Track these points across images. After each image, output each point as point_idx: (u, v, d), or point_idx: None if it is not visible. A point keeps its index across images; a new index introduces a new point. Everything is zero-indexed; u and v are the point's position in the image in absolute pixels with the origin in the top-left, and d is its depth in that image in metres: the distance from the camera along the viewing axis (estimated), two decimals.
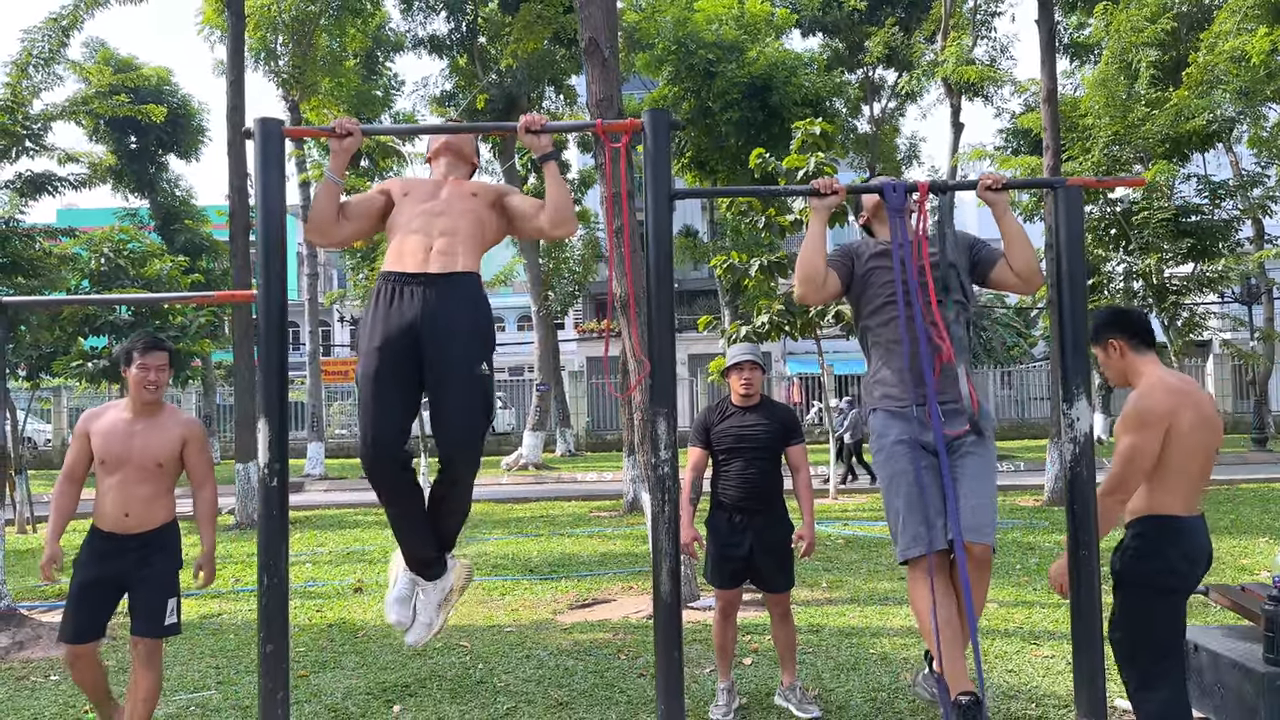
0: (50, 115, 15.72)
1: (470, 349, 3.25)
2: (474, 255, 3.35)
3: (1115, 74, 14.21)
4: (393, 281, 3.27)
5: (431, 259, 3.25)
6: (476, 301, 3.31)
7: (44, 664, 6.01)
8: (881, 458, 3.34)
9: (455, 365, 3.21)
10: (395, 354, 3.20)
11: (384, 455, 3.23)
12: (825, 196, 3.22)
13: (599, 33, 7.45)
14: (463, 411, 3.22)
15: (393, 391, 3.22)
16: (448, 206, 3.36)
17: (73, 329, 20.45)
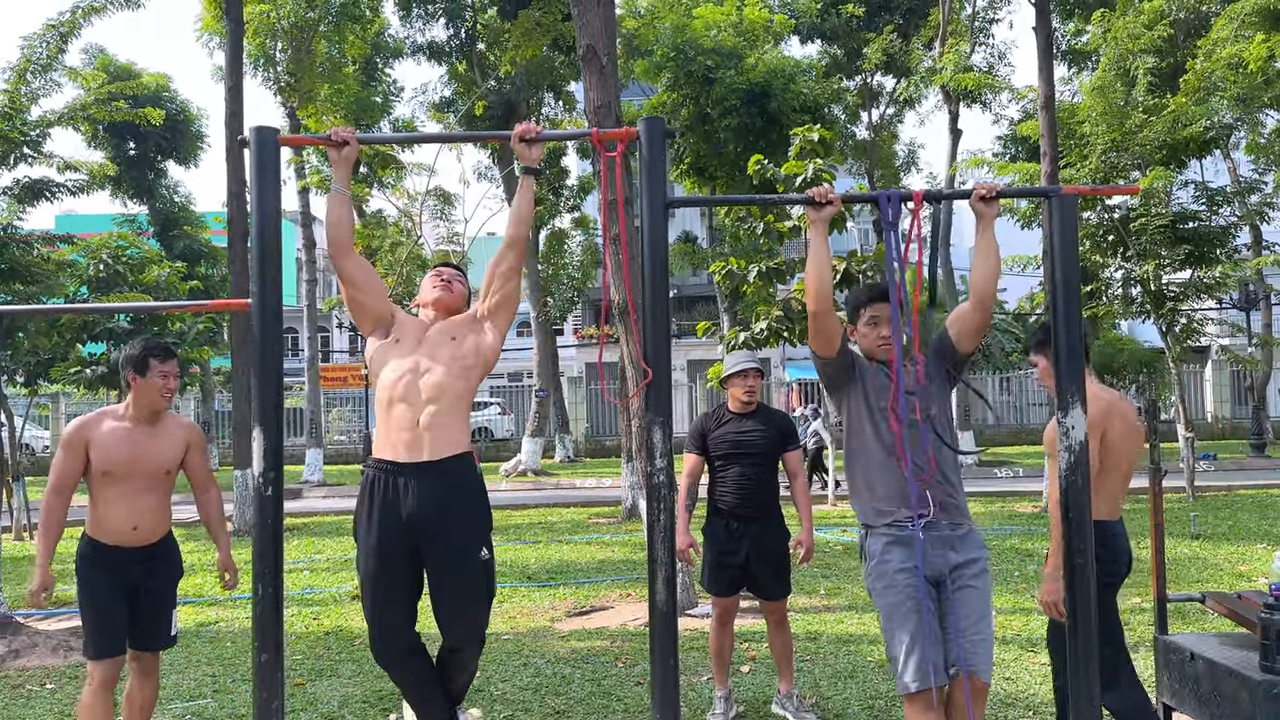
0: (48, 122, 15.73)
1: (468, 537, 3.27)
2: (463, 423, 3.35)
3: (1113, 81, 14.22)
4: (384, 473, 3.26)
5: (421, 441, 3.23)
6: (470, 486, 3.32)
7: (40, 672, 6.00)
8: (881, 585, 3.20)
9: (454, 558, 3.24)
10: (393, 552, 3.23)
11: (393, 649, 3.32)
12: (822, 207, 3.21)
13: (597, 40, 7.46)
14: (465, 603, 3.27)
15: (395, 589, 3.27)
16: (432, 363, 3.33)
17: (71, 335, 20.43)
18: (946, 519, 3.22)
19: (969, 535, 3.25)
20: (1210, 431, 26.53)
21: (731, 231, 20.61)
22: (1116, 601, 3.77)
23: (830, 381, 3.41)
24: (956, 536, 3.22)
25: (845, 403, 3.39)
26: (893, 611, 3.15)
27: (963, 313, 3.36)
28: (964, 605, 3.15)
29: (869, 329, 3.44)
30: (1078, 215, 3.30)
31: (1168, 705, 4.24)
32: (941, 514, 3.20)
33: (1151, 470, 4.43)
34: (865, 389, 3.34)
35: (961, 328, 3.35)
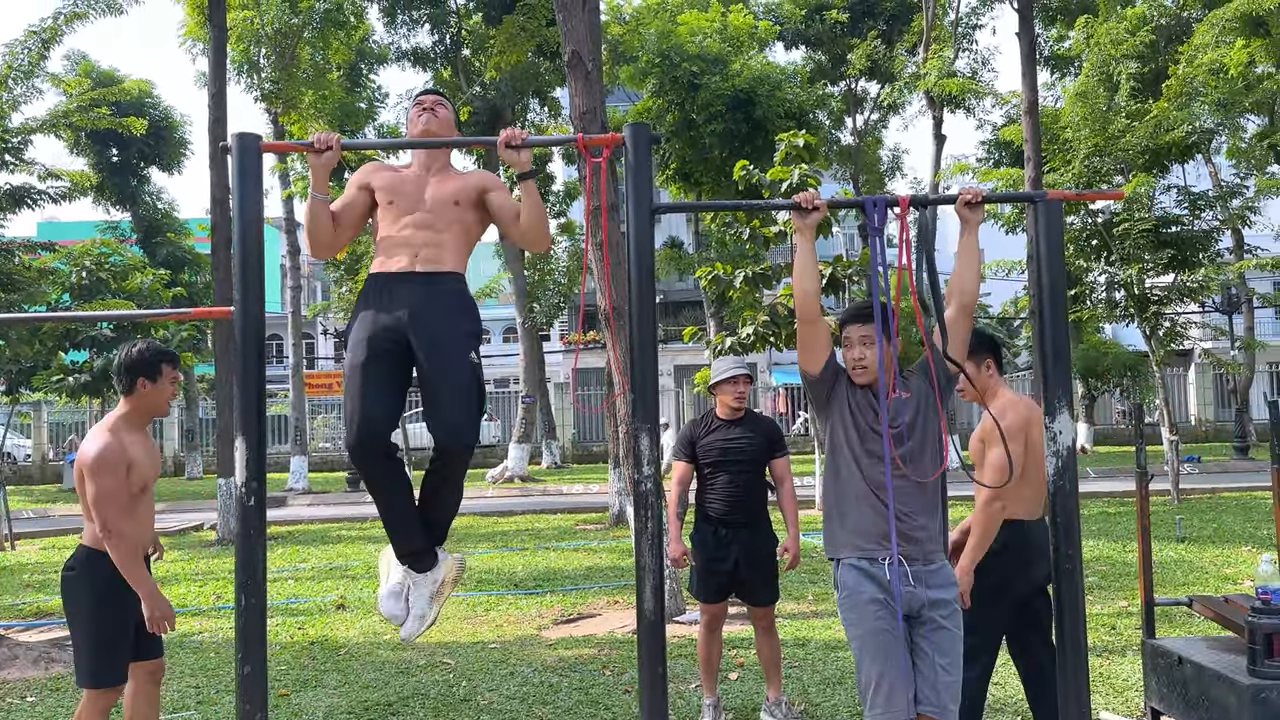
0: (30, 129, 15.63)
1: (460, 338, 3.29)
2: (460, 260, 3.41)
3: (1095, 86, 14.32)
4: (381, 280, 3.33)
5: (419, 262, 3.32)
6: (463, 296, 3.37)
7: (21, 685, 5.92)
8: (854, 616, 3.17)
9: (447, 353, 3.25)
10: (384, 344, 3.25)
11: (372, 440, 3.25)
12: (808, 212, 3.19)
13: (581, 45, 7.45)
14: (458, 396, 3.25)
15: (381, 379, 3.25)
16: (433, 219, 3.36)
17: (53, 343, 20.30)
18: (920, 554, 3.17)
19: (941, 570, 3.22)
20: (1194, 434, 26.70)
21: (717, 237, 20.64)
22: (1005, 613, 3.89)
23: (816, 399, 3.36)
24: (928, 572, 3.18)
25: (828, 424, 3.32)
26: (864, 643, 3.13)
27: (950, 321, 3.30)
28: (935, 647, 3.13)
29: (844, 350, 3.37)
30: (1062, 220, 3.30)
31: (1155, 709, 4.24)
32: (915, 549, 3.16)
33: (1138, 474, 4.44)
34: (847, 411, 3.26)
35: (949, 334, 3.30)
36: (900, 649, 3.09)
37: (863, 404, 3.26)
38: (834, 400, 3.30)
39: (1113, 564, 8.85)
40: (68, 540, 13.74)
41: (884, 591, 3.13)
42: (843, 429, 3.27)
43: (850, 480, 3.24)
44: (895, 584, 3.12)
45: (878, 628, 3.11)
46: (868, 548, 3.18)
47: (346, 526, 14.62)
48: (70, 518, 17.61)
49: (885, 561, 3.13)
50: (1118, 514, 12.48)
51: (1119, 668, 5.43)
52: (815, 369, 3.28)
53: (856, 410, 3.26)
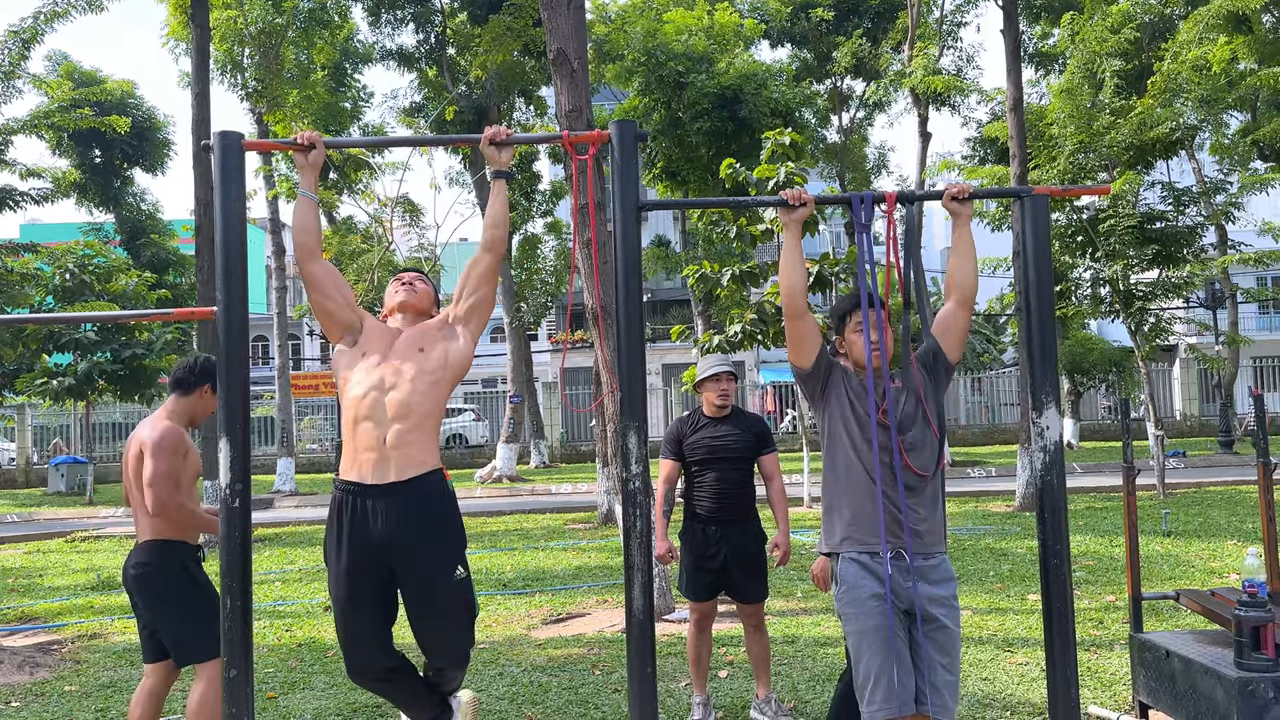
0: (11, 129, 15.51)
1: (442, 560, 3.20)
2: (431, 440, 3.26)
3: (1080, 83, 14.38)
4: (352, 495, 3.18)
5: (388, 459, 3.15)
6: (442, 505, 3.24)
7: (5, 690, 5.87)
8: (852, 610, 3.15)
9: (430, 579, 3.18)
10: (364, 576, 3.16)
11: (368, 672, 3.26)
12: (795, 209, 3.19)
13: (567, 43, 7.43)
14: (446, 624, 3.23)
15: (368, 613, 3.20)
16: (398, 378, 3.22)
17: (37, 346, 20.18)
18: (920, 548, 3.15)
19: (941, 565, 3.19)
20: (1179, 429, 26.85)
21: (705, 235, 20.64)
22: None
23: (809, 393, 3.33)
24: (929, 566, 3.16)
25: (824, 416, 3.29)
26: (863, 638, 3.11)
27: (947, 314, 3.30)
28: (934, 645, 3.11)
29: (857, 336, 3.30)
30: (1049, 215, 3.31)
31: (1143, 703, 4.25)
32: (915, 542, 3.14)
33: (1125, 468, 4.45)
34: (845, 401, 3.23)
35: (948, 329, 3.29)
36: (900, 645, 3.07)
37: (860, 392, 3.22)
38: (830, 391, 3.26)
39: (1099, 559, 8.89)
40: (52, 545, 13.64)
41: (883, 587, 3.10)
42: (841, 420, 3.23)
43: (850, 471, 3.20)
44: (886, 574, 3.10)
45: (878, 624, 3.08)
46: (868, 541, 3.15)
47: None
48: (55, 521, 17.49)
49: (887, 556, 3.10)
50: (1104, 509, 12.54)
51: (1106, 662, 5.45)
52: (807, 363, 3.25)
53: (854, 399, 3.22)
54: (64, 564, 11.54)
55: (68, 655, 6.72)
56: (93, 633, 7.45)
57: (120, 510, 18.87)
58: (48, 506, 20.06)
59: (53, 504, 20.59)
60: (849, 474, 3.21)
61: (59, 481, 22.79)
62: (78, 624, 7.79)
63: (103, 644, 7.05)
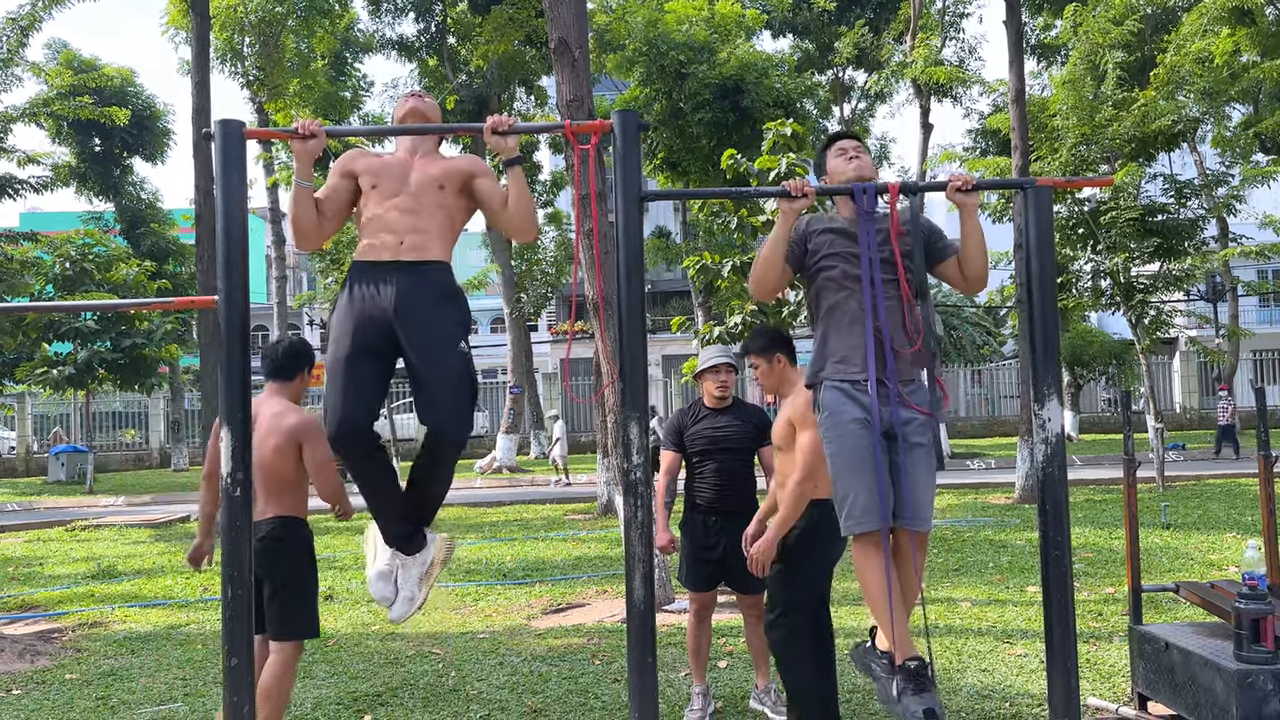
0: (10, 117, 15.48)
1: (449, 329, 3.25)
2: (446, 247, 3.36)
3: (1083, 75, 14.34)
4: (365, 269, 3.27)
5: (404, 250, 3.26)
6: (450, 284, 3.34)
7: (6, 678, 5.88)
8: (834, 434, 3.26)
9: (437, 345, 3.21)
10: (369, 336, 3.21)
11: (354, 434, 3.24)
12: (795, 199, 3.19)
13: (568, 32, 7.41)
14: (450, 388, 3.22)
15: (365, 374, 3.23)
16: (417, 203, 3.30)
17: (37, 335, 20.16)
18: (900, 374, 3.28)
19: (919, 390, 3.33)
20: (1179, 422, 26.88)
21: (705, 226, 20.59)
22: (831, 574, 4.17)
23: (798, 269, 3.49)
24: (907, 392, 3.28)
25: (814, 273, 3.41)
26: (845, 459, 3.22)
27: (952, 265, 3.40)
28: (911, 464, 3.24)
29: (840, 161, 3.46)
30: (1051, 207, 3.30)
31: (1142, 695, 4.26)
32: (896, 368, 3.26)
33: (1125, 461, 4.45)
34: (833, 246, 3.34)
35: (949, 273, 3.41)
36: (879, 466, 3.17)
37: (842, 240, 3.34)
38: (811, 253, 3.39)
39: (1099, 551, 8.90)
40: (52, 533, 13.66)
41: (865, 411, 3.22)
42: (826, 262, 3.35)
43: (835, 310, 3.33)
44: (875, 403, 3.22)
45: (857, 445, 3.20)
46: (852, 372, 3.27)
47: (333, 518, 14.56)
48: (55, 510, 17.51)
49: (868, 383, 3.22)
50: (1103, 501, 12.55)
51: (1105, 654, 5.46)
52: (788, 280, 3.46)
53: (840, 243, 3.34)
54: (64, 553, 11.55)
55: (68, 643, 6.74)
56: (93, 621, 7.46)
57: (121, 499, 18.89)
58: (48, 495, 20.08)
59: (53, 493, 20.61)
60: (834, 312, 3.33)
61: (59, 470, 22.81)
62: (78, 612, 7.81)
63: (103, 632, 7.06)
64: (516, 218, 3.37)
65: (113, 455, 27.71)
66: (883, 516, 3.15)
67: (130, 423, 29.54)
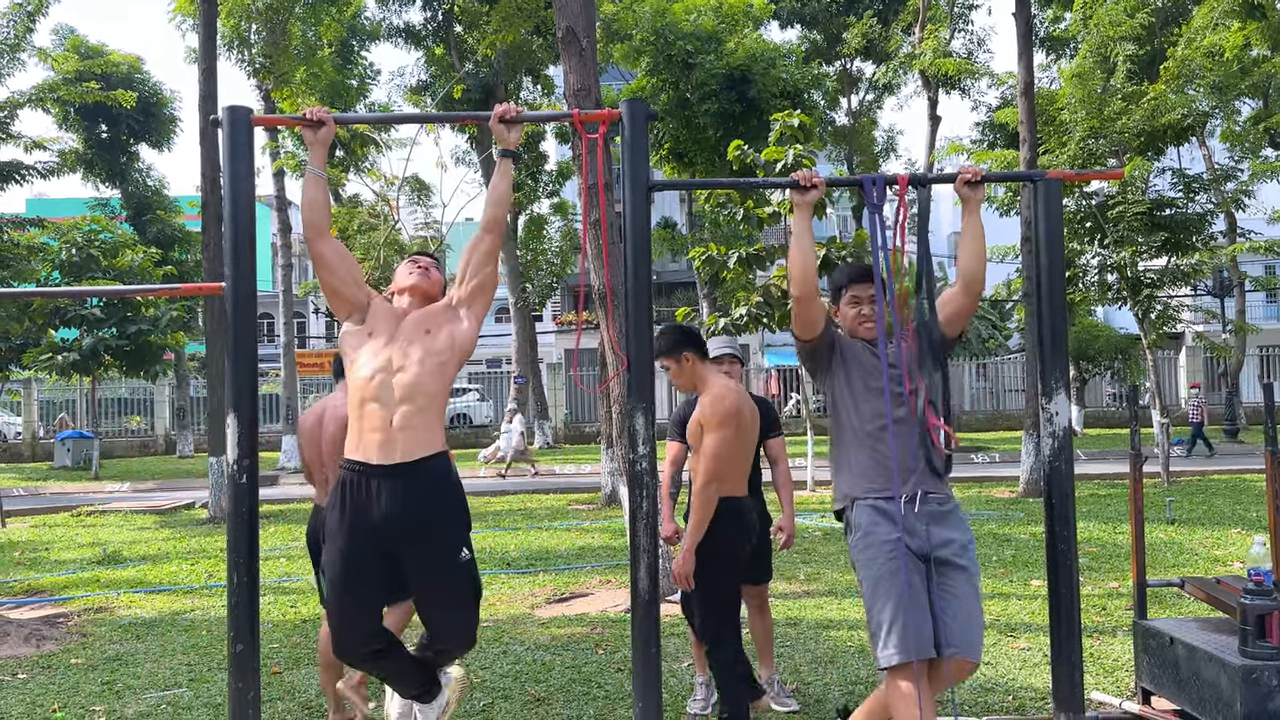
0: (17, 102, 15.48)
1: (450, 539, 3.18)
2: (438, 422, 3.24)
3: (1092, 68, 14.27)
4: (356, 474, 3.15)
5: (394, 442, 3.12)
6: (448, 486, 3.23)
7: (12, 662, 5.91)
8: (866, 556, 3.13)
9: (436, 560, 3.15)
10: (365, 556, 3.13)
11: (356, 651, 3.24)
12: (806, 191, 3.18)
13: (576, 21, 7.38)
14: (453, 605, 3.20)
15: (363, 594, 3.18)
16: (405, 357, 3.19)
17: (43, 321, 20.21)
18: (934, 495, 3.16)
19: (954, 512, 3.20)
20: (1184, 417, 26.78)
21: (711, 217, 20.57)
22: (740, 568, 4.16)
23: (812, 364, 3.38)
24: (943, 512, 3.17)
25: (829, 384, 3.35)
26: (878, 583, 3.08)
27: (951, 297, 3.33)
28: (955, 586, 3.09)
29: (851, 309, 3.40)
30: (1061, 200, 3.29)
31: (1146, 689, 4.26)
32: (927, 488, 3.15)
33: (1132, 455, 4.44)
34: (849, 370, 3.29)
35: (950, 311, 3.32)
36: (918, 589, 3.05)
37: (863, 353, 3.31)
38: (834, 361, 3.33)
39: (1103, 545, 8.89)
40: (58, 519, 13.71)
41: (897, 531, 3.09)
42: (845, 382, 3.29)
43: (858, 429, 3.25)
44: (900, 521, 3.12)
45: (893, 568, 3.06)
46: (881, 488, 3.17)
47: None
48: (61, 496, 17.57)
49: (901, 500, 3.12)
50: (1108, 496, 12.54)
51: (1110, 648, 5.46)
52: (814, 334, 3.29)
53: (856, 363, 3.30)
54: (70, 538, 11.60)
55: (74, 628, 6.76)
56: (99, 606, 7.49)
57: (126, 485, 18.97)
58: (53, 481, 20.15)
59: (58, 478, 20.68)
60: (854, 435, 3.26)
61: (65, 456, 22.88)
62: (84, 597, 7.84)
63: (109, 618, 7.09)
64: (491, 206, 3.35)
65: (118, 441, 27.79)
66: (920, 648, 2.99)
67: (136, 409, 29.62)
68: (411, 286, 3.44)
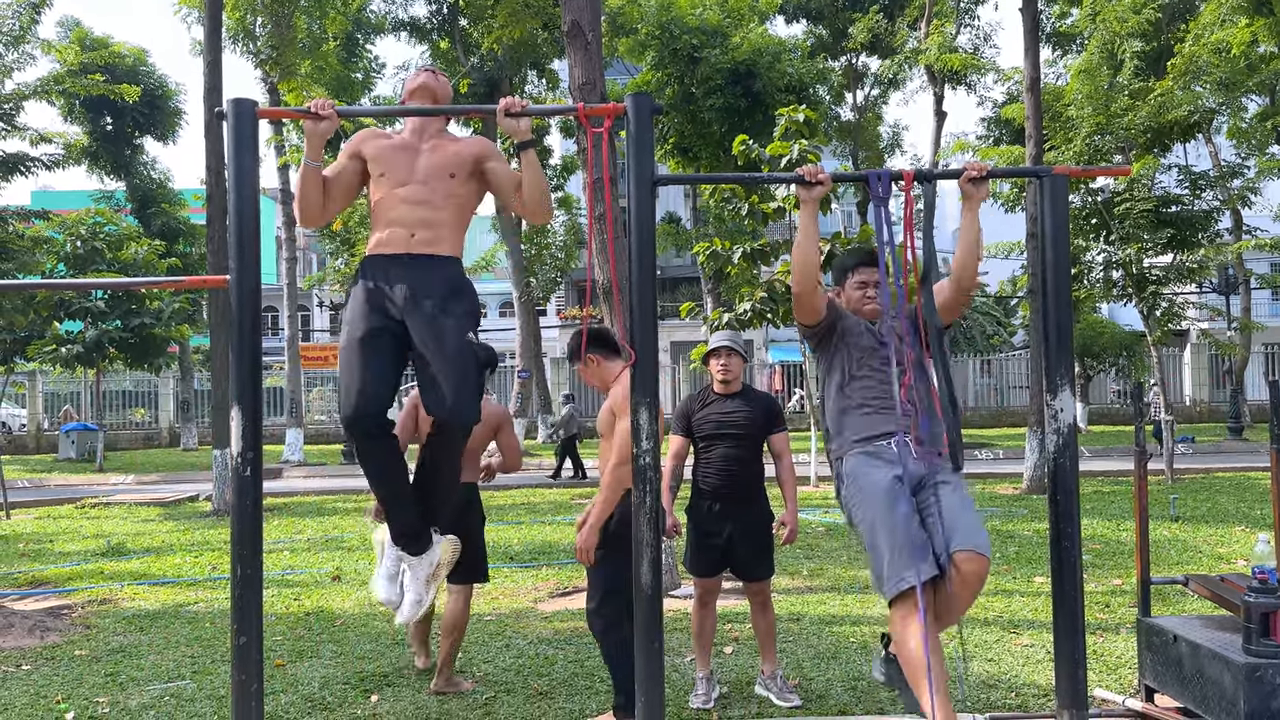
0: (22, 94, 15.49)
1: (457, 318, 3.25)
2: (456, 239, 3.38)
3: (1099, 64, 14.23)
4: (377, 263, 3.30)
5: (414, 244, 3.28)
6: (459, 278, 3.35)
7: (16, 654, 5.93)
8: (860, 498, 3.23)
9: (444, 333, 3.22)
10: (381, 321, 3.23)
11: (369, 414, 3.24)
12: (812, 186, 3.19)
13: (581, 15, 7.36)
14: (456, 375, 3.21)
15: (378, 354, 3.23)
16: (428, 194, 3.30)
17: (48, 313, 20.24)
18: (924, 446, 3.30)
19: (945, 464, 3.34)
20: (1189, 415, 26.76)
21: (716, 213, 20.58)
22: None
23: (816, 343, 3.56)
24: (933, 457, 3.30)
25: (829, 361, 3.52)
26: (875, 521, 3.19)
27: (940, 289, 3.46)
28: (946, 499, 3.22)
29: (856, 292, 3.58)
30: (1067, 196, 3.28)
31: (1150, 687, 4.25)
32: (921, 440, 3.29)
33: (1137, 452, 4.42)
34: (849, 350, 3.46)
35: (939, 302, 3.43)
36: (910, 520, 3.15)
37: (862, 330, 3.47)
38: (835, 341, 3.50)
39: (1107, 542, 8.88)
40: (62, 510, 13.74)
41: (888, 465, 3.23)
42: (843, 361, 3.46)
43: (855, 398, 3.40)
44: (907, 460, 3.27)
45: (887, 503, 3.17)
46: (872, 437, 3.33)
47: (342, 499, 14.63)
48: (66, 488, 17.62)
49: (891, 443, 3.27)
50: (1112, 493, 12.52)
51: (1112, 645, 5.45)
52: (816, 320, 3.47)
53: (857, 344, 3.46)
54: (74, 530, 11.62)
55: (78, 620, 6.78)
56: (103, 598, 7.51)
57: (130, 478, 19.01)
58: (58, 473, 20.20)
59: (63, 470, 20.73)
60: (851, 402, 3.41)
61: (69, 448, 22.95)
62: (88, 589, 7.86)
63: (113, 609, 7.11)
64: (531, 202, 3.36)
65: (122, 434, 27.84)
66: (920, 572, 3.08)
67: (140, 402, 29.68)
68: (420, 86, 3.46)
